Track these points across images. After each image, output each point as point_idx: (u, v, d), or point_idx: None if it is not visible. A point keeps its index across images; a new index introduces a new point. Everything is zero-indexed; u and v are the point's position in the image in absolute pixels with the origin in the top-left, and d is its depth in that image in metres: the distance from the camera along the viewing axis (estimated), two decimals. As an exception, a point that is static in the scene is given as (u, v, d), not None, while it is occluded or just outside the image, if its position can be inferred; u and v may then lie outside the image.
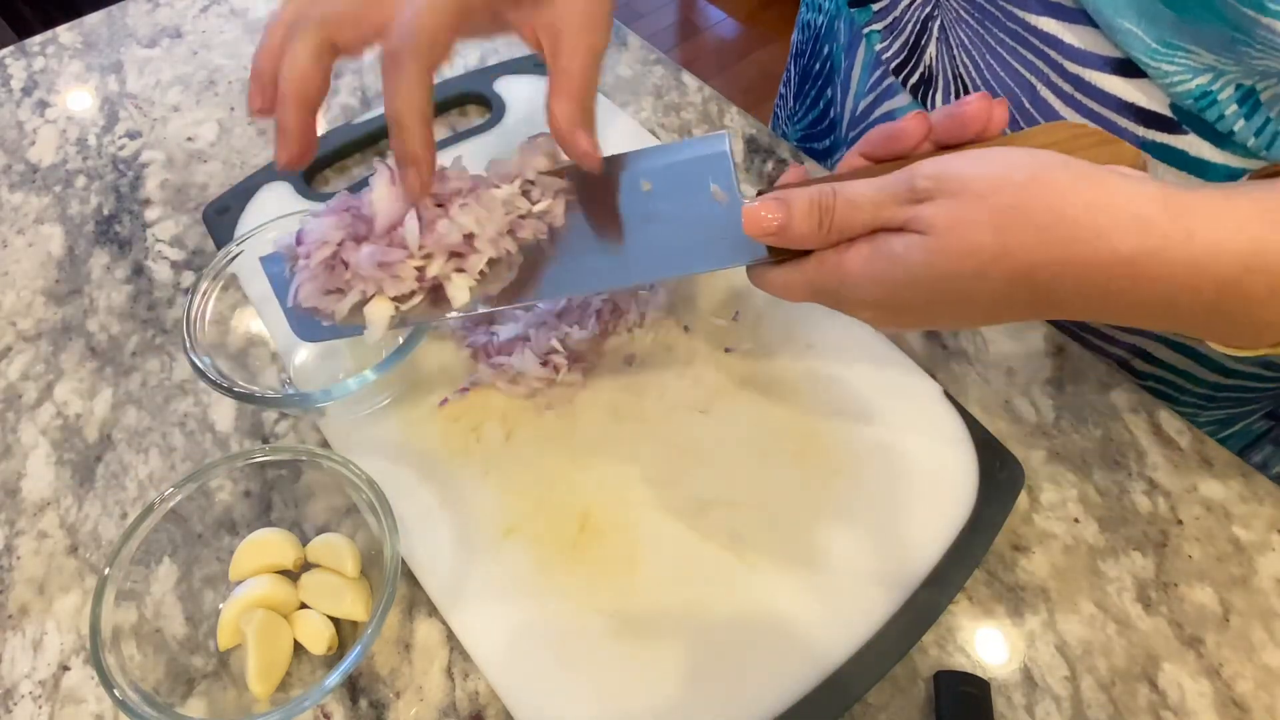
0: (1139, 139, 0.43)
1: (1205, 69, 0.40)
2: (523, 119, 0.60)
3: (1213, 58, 0.39)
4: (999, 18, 0.46)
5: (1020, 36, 0.45)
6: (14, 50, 0.69)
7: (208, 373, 0.42)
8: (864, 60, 0.57)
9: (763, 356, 0.48)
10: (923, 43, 0.51)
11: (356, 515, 0.43)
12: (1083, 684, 0.39)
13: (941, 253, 0.31)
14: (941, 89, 0.51)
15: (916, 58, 0.52)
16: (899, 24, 0.52)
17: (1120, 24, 0.40)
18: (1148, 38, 0.40)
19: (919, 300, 0.33)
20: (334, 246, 0.38)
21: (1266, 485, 0.45)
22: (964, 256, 0.30)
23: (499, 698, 0.39)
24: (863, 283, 0.33)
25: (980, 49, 0.47)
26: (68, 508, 0.45)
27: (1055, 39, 0.44)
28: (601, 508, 0.43)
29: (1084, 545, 0.43)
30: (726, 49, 2.15)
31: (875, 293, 0.33)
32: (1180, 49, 0.40)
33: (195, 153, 0.61)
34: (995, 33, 0.46)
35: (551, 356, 0.46)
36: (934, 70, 0.51)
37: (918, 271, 0.31)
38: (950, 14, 0.48)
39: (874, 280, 0.33)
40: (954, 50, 0.49)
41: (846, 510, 0.42)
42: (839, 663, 0.38)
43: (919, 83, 0.52)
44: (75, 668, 0.40)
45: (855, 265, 0.33)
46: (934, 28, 0.50)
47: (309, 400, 0.42)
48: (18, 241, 0.57)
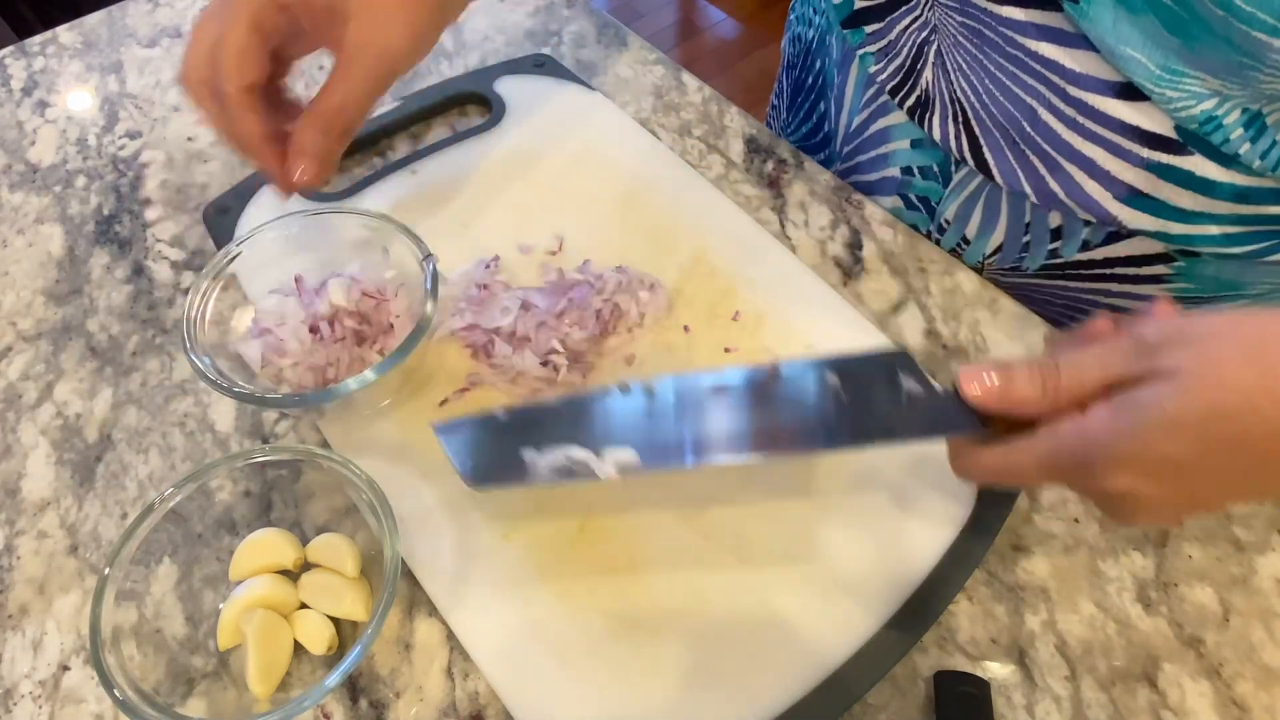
0: (1144, 160, 0.43)
1: (1211, 94, 0.39)
2: (523, 119, 0.60)
3: (1219, 83, 0.39)
4: (998, 43, 0.45)
5: (1020, 61, 0.44)
6: (14, 50, 0.69)
7: (207, 373, 0.42)
8: (857, 77, 0.57)
9: (762, 356, 0.48)
10: (919, 66, 0.50)
11: (356, 515, 0.43)
12: (1083, 684, 0.39)
13: (1199, 389, 0.28)
14: (939, 112, 0.50)
15: (913, 81, 0.51)
16: (894, 47, 0.51)
17: (1124, 51, 0.40)
18: (1151, 64, 0.40)
19: (1184, 453, 0.29)
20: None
21: (1266, 485, 0.45)
22: (1224, 389, 0.28)
23: (499, 698, 0.39)
24: (1113, 440, 0.30)
25: (979, 73, 0.47)
26: (68, 508, 0.45)
27: (1056, 64, 0.43)
28: (601, 508, 0.43)
29: (1084, 545, 0.43)
30: (726, 49, 2.15)
31: (1129, 449, 0.29)
32: (1185, 75, 0.39)
33: (195, 153, 0.61)
34: (994, 57, 0.45)
35: (552, 356, 0.46)
36: (930, 94, 0.50)
37: (1176, 411, 0.28)
38: (948, 39, 0.48)
39: (1125, 434, 0.29)
40: (951, 74, 0.48)
41: (846, 510, 0.42)
42: (839, 663, 0.38)
43: (915, 105, 0.52)
44: (75, 668, 0.40)
45: (1099, 423, 0.30)
46: (930, 52, 0.49)
47: (308, 400, 0.42)
48: (18, 241, 0.57)
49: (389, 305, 0.46)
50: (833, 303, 0.50)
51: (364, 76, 0.41)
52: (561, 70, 0.64)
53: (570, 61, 0.66)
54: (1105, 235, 0.48)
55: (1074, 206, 0.47)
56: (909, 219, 0.58)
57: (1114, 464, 0.30)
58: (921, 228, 0.57)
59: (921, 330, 0.51)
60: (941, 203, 0.55)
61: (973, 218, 0.53)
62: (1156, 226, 0.45)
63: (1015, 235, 0.52)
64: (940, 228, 0.56)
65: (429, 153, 0.58)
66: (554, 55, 0.65)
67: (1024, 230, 0.51)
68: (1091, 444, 0.30)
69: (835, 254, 0.55)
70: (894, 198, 0.58)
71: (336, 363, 0.45)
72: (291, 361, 0.45)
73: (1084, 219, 0.48)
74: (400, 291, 0.47)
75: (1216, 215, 0.44)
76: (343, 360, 0.45)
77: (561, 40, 0.69)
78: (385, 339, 0.46)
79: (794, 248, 0.55)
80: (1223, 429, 0.28)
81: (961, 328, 0.51)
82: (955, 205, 0.54)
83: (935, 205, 0.55)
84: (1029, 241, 0.52)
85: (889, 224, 0.56)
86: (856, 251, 0.55)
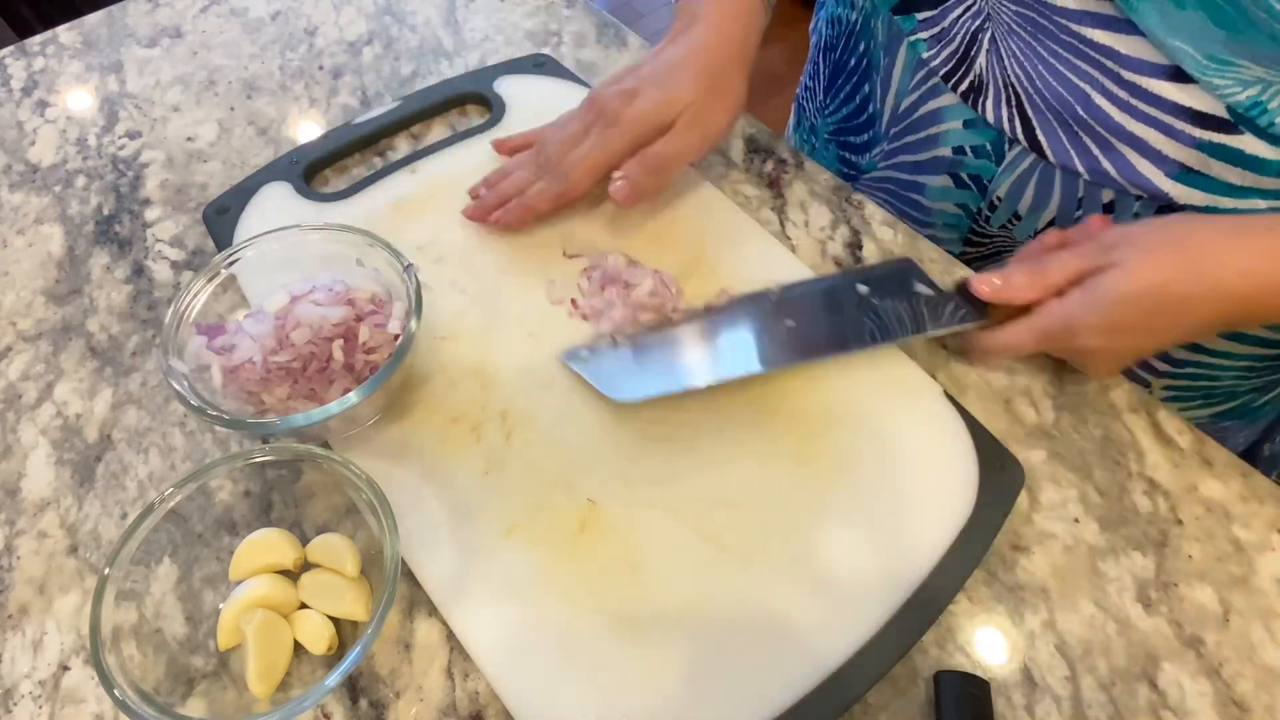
0: (1195, 140, 0.45)
1: (1255, 81, 0.41)
2: (523, 119, 0.60)
3: (1262, 70, 0.41)
4: (1052, 30, 0.47)
5: (1075, 48, 0.46)
6: (14, 50, 0.69)
7: (187, 397, 0.41)
8: (905, 61, 0.58)
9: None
10: (972, 53, 0.52)
11: (356, 515, 0.43)
12: (1083, 684, 0.39)
13: (1137, 273, 0.41)
14: (992, 96, 0.52)
15: (966, 66, 0.52)
16: (947, 34, 0.53)
17: (1170, 42, 0.42)
18: (1198, 54, 0.42)
19: (1128, 317, 0.42)
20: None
21: (1266, 485, 0.45)
22: (1153, 271, 0.41)
23: (499, 698, 0.39)
24: (1085, 312, 0.42)
25: (1033, 59, 0.48)
26: (68, 508, 0.45)
27: (1110, 49, 0.45)
28: (602, 508, 0.43)
29: (1084, 545, 0.43)
30: (726, 49, 2.14)
31: (1097, 318, 0.42)
32: (1230, 64, 0.41)
33: (195, 153, 0.61)
34: (1048, 44, 0.47)
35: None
36: (984, 79, 0.52)
37: (1122, 290, 0.41)
38: (1002, 27, 0.49)
39: (1092, 307, 0.42)
40: (1005, 60, 0.50)
41: (847, 510, 0.42)
42: (839, 663, 0.38)
43: (969, 89, 0.53)
44: (75, 668, 0.40)
45: (1074, 302, 0.43)
46: (984, 39, 0.51)
47: (289, 424, 0.40)
48: (18, 241, 0.57)
49: (381, 315, 0.45)
50: (833, 303, 0.50)
51: (694, 145, 0.51)
52: (561, 70, 0.64)
53: (570, 61, 0.66)
54: (1156, 209, 0.50)
55: (1126, 184, 0.49)
56: (958, 198, 0.59)
57: (1086, 329, 0.43)
58: (971, 205, 0.59)
59: (921, 330, 0.51)
60: (994, 181, 0.56)
61: (1025, 195, 0.55)
62: (1207, 201, 0.47)
63: (1068, 211, 0.53)
64: (991, 205, 0.58)
65: (429, 153, 0.58)
66: (554, 55, 0.65)
67: (1076, 205, 0.53)
68: (1070, 316, 0.43)
69: (835, 254, 0.55)
70: (943, 177, 0.59)
71: (304, 392, 0.44)
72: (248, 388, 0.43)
73: (1136, 194, 0.49)
74: (396, 307, 0.46)
75: (1265, 190, 0.46)
76: (318, 386, 0.44)
77: (561, 40, 0.69)
78: (382, 350, 0.45)
79: (794, 248, 0.55)
80: (1151, 300, 0.41)
81: (961, 328, 0.51)
82: (1008, 183, 0.55)
83: (987, 183, 0.57)
84: (1079, 216, 0.53)
85: (889, 224, 0.56)
86: (856, 251, 0.55)
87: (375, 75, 0.66)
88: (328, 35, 0.69)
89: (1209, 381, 0.57)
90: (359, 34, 0.69)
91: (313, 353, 0.43)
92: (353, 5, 0.72)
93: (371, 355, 0.44)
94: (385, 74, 0.66)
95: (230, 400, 0.43)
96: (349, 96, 0.65)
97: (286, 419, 0.40)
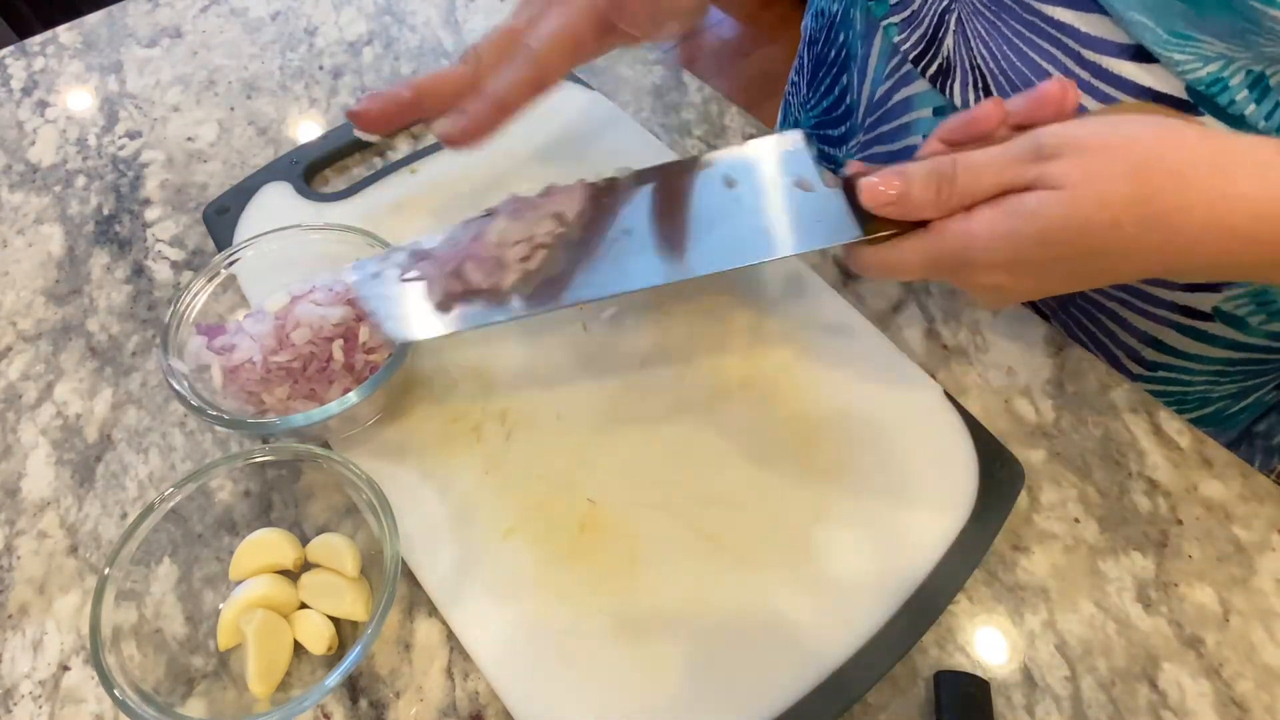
0: None
1: (1216, 57, 0.40)
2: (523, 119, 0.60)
3: (1223, 46, 0.40)
4: (1015, 9, 0.47)
5: (1036, 27, 0.46)
6: (14, 50, 0.69)
7: (187, 397, 0.41)
8: (881, 49, 0.58)
9: (762, 357, 0.48)
10: (940, 35, 0.52)
11: (356, 515, 0.43)
12: (1083, 684, 0.39)
13: (1077, 204, 0.32)
14: (959, 79, 0.52)
15: (935, 49, 0.52)
16: (916, 17, 0.53)
17: (1131, 16, 0.41)
18: (1159, 29, 0.41)
19: (1048, 256, 0.33)
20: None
21: (1266, 485, 0.45)
22: (1100, 206, 0.31)
23: (499, 698, 0.39)
24: (992, 244, 0.34)
25: (997, 40, 0.48)
26: (68, 508, 0.45)
27: (1071, 28, 0.45)
28: (602, 508, 0.43)
29: (1084, 545, 0.43)
30: (726, 49, 2.15)
31: (1005, 253, 0.34)
32: (1191, 39, 0.40)
33: (195, 153, 0.61)
34: (1011, 24, 0.47)
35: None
36: (952, 61, 0.52)
37: (1053, 224, 0.32)
38: (967, 7, 0.49)
39: (1004, 239, 0.33)
40: (971, 41, 0.50)
41: (846, 510, 0.42)
42: (839, 663, 0.38)
43: (937, 73, 0.53)
44: (75, 668, 0.40)
45: (982, 227, 0.34)
46: (950, 20, 0.51)
47: (289, 424, 0.40)
48: (18, 241, 0.57)
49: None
50: (833, 302, 0.50)
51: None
52: (561, 70, 0.63)
53: (570, 61, 0.66)
54: None
55: None
56: None
57: (990, 265, 0.34)
58: None
59: (922, 330, 0.51)
60: None
61: None
62: None
63: None
64: None
65: (429, 152, 0.58)
66: (554, 55, 0.65)
67: None
68: (971, 247, 0.34)
69: (835, 253, 0.55)
70: None
71: (305, 392, 0.44)
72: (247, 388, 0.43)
73: None
74: None
75: None
76: (317, 386, 0.44)
77: (561, 40, 0.69)
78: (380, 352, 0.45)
79: (794, 248, 0.55)
80: (1088, 241, 0.32)
81: (961, 328, 0.51)
82: None
83: None
84: None
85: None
86: (856, 251, 0.55)
87: (375, 75, 0.66)
88: (328, 35, 0.69)
89: (1181, 387, 0.56)
90: (359, 34, 0.69)
91: (313, 353, 0.43)
92: (353, 5, 0.72)
93: (371, 355, 0.44)
94: (385, 74, 0.66)
95: (230, 400, 0.43)
96: (349, 96, 0.65)
97: (286, 419, 0.40)
